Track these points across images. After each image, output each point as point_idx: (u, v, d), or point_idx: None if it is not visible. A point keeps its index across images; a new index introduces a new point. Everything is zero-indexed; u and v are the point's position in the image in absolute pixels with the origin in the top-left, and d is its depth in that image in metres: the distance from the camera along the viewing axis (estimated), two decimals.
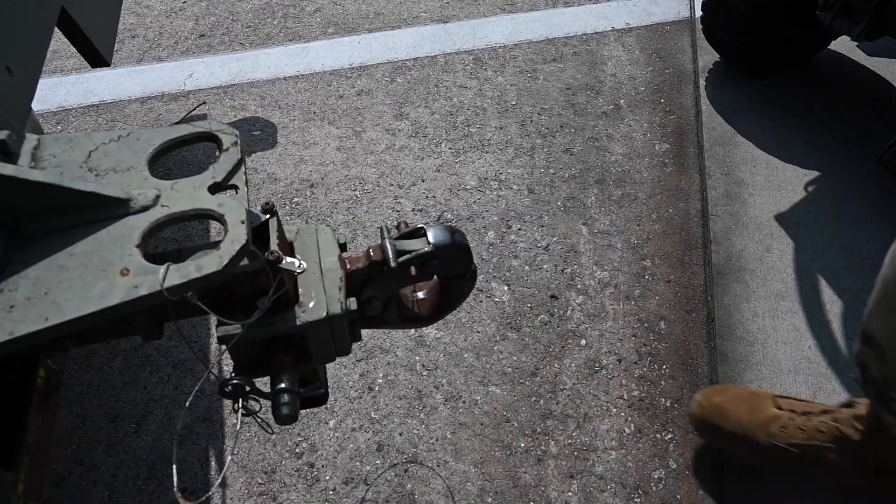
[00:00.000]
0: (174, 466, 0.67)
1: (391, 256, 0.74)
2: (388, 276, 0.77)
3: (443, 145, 1.87)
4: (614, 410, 1.31)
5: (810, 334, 1.34)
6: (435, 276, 0.85)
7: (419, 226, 0.80)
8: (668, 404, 1.31)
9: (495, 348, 1.41)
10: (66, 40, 1.22)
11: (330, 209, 1.71)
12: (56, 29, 1.10)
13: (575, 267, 1.56)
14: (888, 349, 0.84)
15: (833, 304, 1.37)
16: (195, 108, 2.02)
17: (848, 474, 1.06)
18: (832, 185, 1.61)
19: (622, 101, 1.99)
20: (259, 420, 0.68)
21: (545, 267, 1.56)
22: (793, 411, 1.11)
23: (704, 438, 1.22)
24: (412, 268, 0.77)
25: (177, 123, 1.97)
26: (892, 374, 0.85)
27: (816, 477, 1.11)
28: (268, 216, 0.67)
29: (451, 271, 0.80)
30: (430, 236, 0.76)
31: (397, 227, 0.80)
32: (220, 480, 1.23)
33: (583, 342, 1.42)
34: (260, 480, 1.23)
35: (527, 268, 1.56)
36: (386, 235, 0.77)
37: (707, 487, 1.20)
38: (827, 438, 1.05)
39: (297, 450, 1.27)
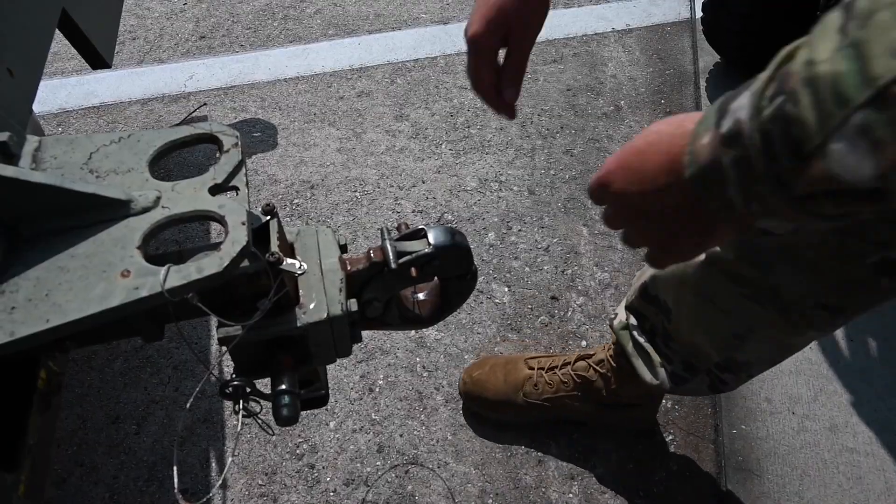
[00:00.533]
0: (175, 468, 0.67)
1: (392, 258, 0.74)
2: (389, 278, 0.77)
3: (443, 146, 1.87)
4: None
5: None
6: (435, 278, 0.85)
7: (419, 227, 0.80)
8: (668, 405, 1.31)
9: (496, 349, 1.41)
10: (66, 42, 1.23)
11: (330, 210, 1.71)
12: (57, 31, 1.11)
13: (575, 268, 1.56)
14: (675, 314, 0.94)
15: None
16: (196, 110, 2.03)
17: (591, 415, 1.23)
18: None
19: (623, 102, 1.99)
20: (260, 421, 0.68)
21: (546, 268, 1.56)
22: (541, 369, 1.24)
23: (475, 411, 1.30)
24: (412, 269, 0.77)
25: (177, 125, 1.97)
26: (677, 335, 0.95)
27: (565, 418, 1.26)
28: (268, 217, 0.67)
29: (452, 272, 0.80)
30: (431, 237, 0.76)
31: (398, 229, 0.80)
32: (220, 482, 1.23)
33: (583, 343, 1.42)
34: (260, 482, 1.23)
35: (527, 269, 1.56)
36: (386, 237, 0.77)
37: (708, 489, 1.20)
38: (570, 387, 1.21)
39: (298, 451, 1.26)
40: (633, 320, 1.05)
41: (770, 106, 0.37)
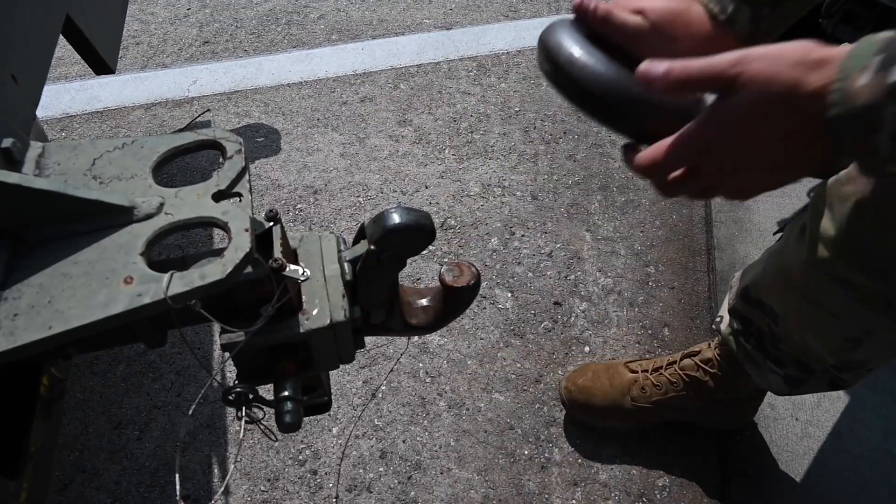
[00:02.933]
0: (177, 474, 0.67)
1: (346, 271, 0.73)
2: (358, 288, 0.75)
3: (446, 152, 1.87)
4: None
5: None
6: (438, 283, 0.85)
7: (362, 222, 0.74)
8: None
9: (499, 355, 1.41)
10: (70, 47, 1.23)
11: (333, 215, 1.71)
12: (61, 36, 1.11)
13: (578, 273, 1.56)
14: (783, 318, 0.92)
15: None
16: (199, 116, 2.03)
17: (699, 413, 1.20)
18: None
19: None
20: (263, 427, 0.68)
21: (549, 273, 1.56)
22: (644, 371, 1.22)
23: (581, 419, 1.28)
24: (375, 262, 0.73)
25: (181, 130, 1.97)
26: (787, 339, 0.92)
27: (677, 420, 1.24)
28: (271, 224, 0.67)
29: (411, 252, 0.73)
30: (367, 233, 0.70)
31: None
32: (223, 488, 1.23)
33: (586, 349, 1.41)
34: (263, 488, 1.22)
35: (530, 274, 1.56)
36: (342, 248, 0.76)
37: (712, 495, 1.19)
38: (680, 387, 1.18)
39: (301, 457, 1.26)
40: (737, 324, 1.02)
41: None
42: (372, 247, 0.69)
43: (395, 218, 0.67)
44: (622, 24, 0.63)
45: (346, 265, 0.73)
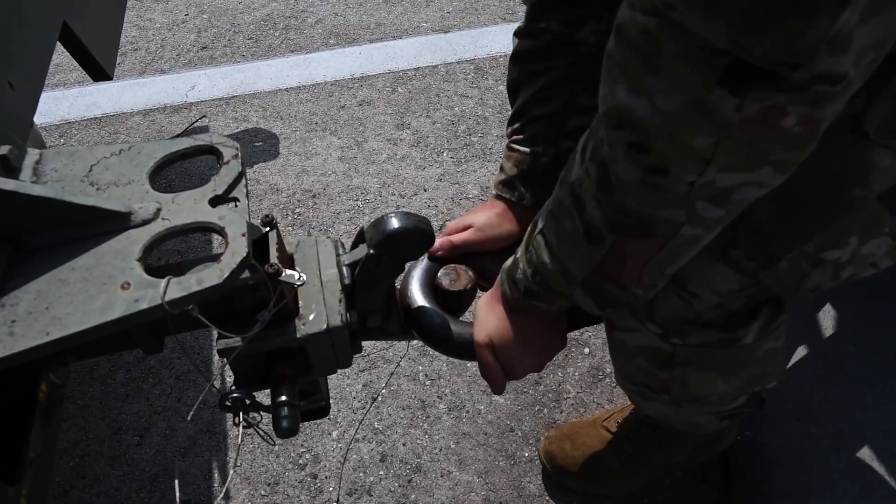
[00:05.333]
0: (176, 479, 0.67)
1: (344, 275, 0.73)
2: (358, 292, 0.75)
3: (444, 154, 1.87)
4: None
5: (815, 340, 1.33)
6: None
7: (361, 226, 0.75)
8: None
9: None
10: (68, 54, 1.23)
11: (332, 219, 1.71)
12: (58, 43, 1.11)
13: None
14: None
15: (831, 309, 1.36)
16: (196, 121, 2.03)
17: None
18: None
19: None
20: (261, 432, 0.68)
21: None
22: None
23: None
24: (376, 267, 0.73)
25: (178, 136, 1.98)
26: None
27: None
28: (268, 229, 0.67)
29: (410, 256, 0.74)
30: (367, 238, 0.71)
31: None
32: (223, 493, 1.23)
33: (586, 350, 1.41)
34: (263, 492, 1.22)
35: None
36: (340, 252, 0.76)
37: (713, 495, 1.19)
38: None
39: (301, 461, 1.26)
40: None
41: (535, 279, 0.70)
42: (371, 251, 0.69)
43: (395, 222, 0.67)
44: (463, 242, 0.89)
45: (344, 269, 0.73)
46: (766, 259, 0.68)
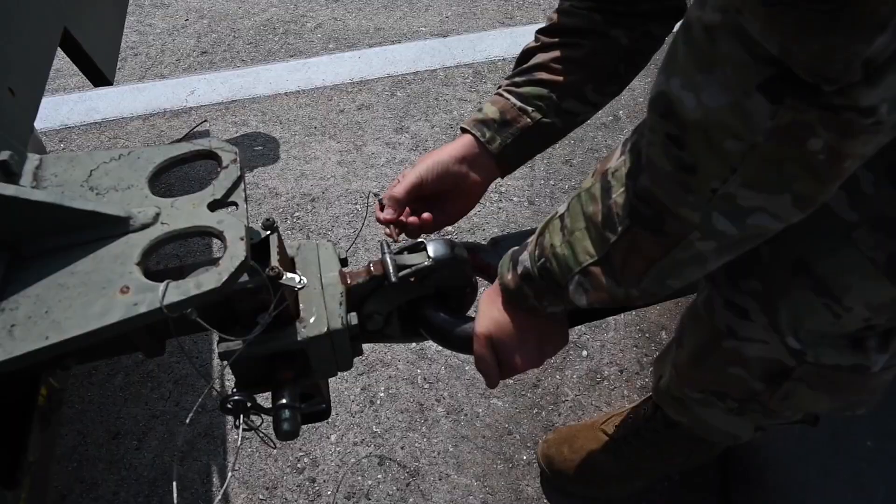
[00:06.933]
0: (175, 483, 0.67)
1: (391, 271, 0.75)
2: (389, 291, 0.77)
3: None
4: None
5: None
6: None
7: (419, 240, 0.80)
8: None
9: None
10: (69, 59, 1.24)
11: (331, 223, 1.71)
12: (59, 48, 1.12)
13: None
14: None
15: None
16: (197, 126, 2.04)
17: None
18: None
19: (621, 111, 2.00)
20: (261, 435, 0.68)
21: None
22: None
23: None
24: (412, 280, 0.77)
25: (178, 141, 1.98)
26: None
27: None
28: (268, 232, 0.68)
29: (452, 284, 0.81)
30: (430, 250, 0.77)
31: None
32: (220, 496, 1.23)
33: (584, 353, 1.42)
34: (261, 496, 1.22)
35: None
36: (386, 250, 0.78)
37: (712, 497, 1.19)
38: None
39: (299, 465, 1.26)
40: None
41: (537, 262, 0.71)
42: (430, 263, 0.76)
43: (465, 255, 0.81)
44: (403, 187, 0.90)
45: (393, 264, 0.76)
46: None
